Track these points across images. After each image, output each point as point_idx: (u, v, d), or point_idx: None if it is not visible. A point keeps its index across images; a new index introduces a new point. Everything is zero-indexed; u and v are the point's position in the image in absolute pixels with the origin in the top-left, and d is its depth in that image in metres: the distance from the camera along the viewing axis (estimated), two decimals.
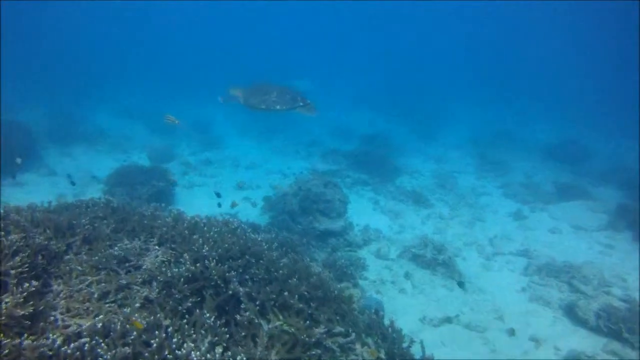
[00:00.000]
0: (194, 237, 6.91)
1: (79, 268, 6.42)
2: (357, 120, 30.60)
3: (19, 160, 12.97)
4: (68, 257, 6.68)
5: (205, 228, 7.35)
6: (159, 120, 23.17)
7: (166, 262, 6.44)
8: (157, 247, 7.16)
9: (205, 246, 6.64)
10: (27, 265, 5.82)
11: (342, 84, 39.03)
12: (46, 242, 6.50)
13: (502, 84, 43.30)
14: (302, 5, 55.23)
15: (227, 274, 6.18)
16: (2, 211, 6.94)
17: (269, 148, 23.57)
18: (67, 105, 27.16)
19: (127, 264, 6.67)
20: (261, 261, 6.90)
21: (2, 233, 6.03)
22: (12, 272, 5.54)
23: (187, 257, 6.46)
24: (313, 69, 44.04)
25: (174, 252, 6.89)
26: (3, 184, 15.40)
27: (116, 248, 6.79)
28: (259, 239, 7.57)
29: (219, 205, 12.27)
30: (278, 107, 8.49)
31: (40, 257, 6.25)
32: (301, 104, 8.55)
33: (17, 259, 5.75)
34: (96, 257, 6.53)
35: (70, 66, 38.26)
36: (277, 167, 20.32)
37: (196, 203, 15.56)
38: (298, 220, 12.93)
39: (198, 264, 6.21)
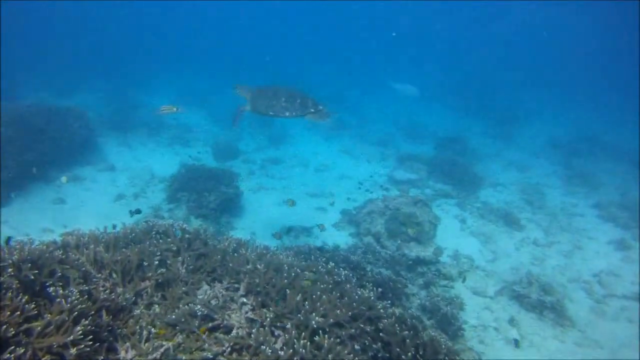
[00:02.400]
0: (297, 297, 5.38)
1: (152, 329, 4.99)
2: (429, 117, 28.70)
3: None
4: (138, 311, 5.25)
5: (306, 280, 5.82)
6: (221, 110, 22.19)
7: (260, 326, 5.09)
8: (244, 298, 5.70)
9: (314, 314, 5.13)
10: (90, 335, 4.45)
11: (414, 78, 37.14)
12: (112, 296, 5.10)
13: (588, 82, 40.52)
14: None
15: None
16: (59, 249, 5.56)
17: (338, 147, 21.98)
18: (124, 89, 26.28)
19: (210, 324, 5.22)
20: (381, 334, 5.38)
21: (62, 292, 4.64)
22: (73, 351, 4.14)
23: (290, 327, 4.96)
24: (384, 64, 42.09)
25: (267, 309, 5.41)
26: (58, 177, 14.37)
27: (198, 304, 5.35)
28: (372, 297, 6.00)
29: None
30: (287, 113, 7.71)
31: (104, 314, 4.85)
32: (312, 110, 7.67)
33: (79, 329, 4.36)
34: (173, 316, 5.08)
35: (128, 50, 37.52)
36: (350, 171, 18.75)
37: (264, 211, 14.20)
38: (385, 244, 11.38)
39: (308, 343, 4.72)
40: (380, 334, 5.53)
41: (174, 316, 5.15)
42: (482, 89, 33.17)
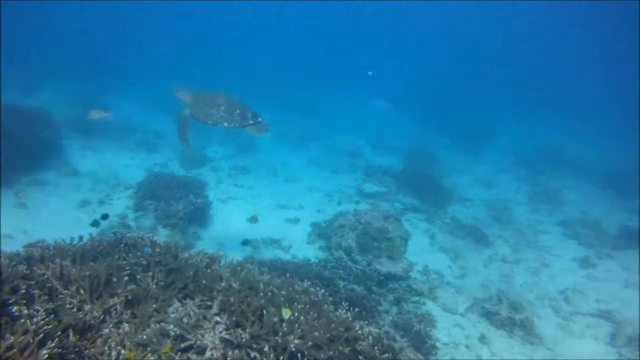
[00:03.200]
0: (274, 318, 5.20)
1: (122, 350, 4.77)
2: (397, 129, 28.66)
3: None
4: (107, 330, 5.01)
5: (282, 298, 5.62)
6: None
7: (235, 348, 4.87)
8: (217, 317, 5.51)
9: (292, 336, 4.97)
10: (56, 357, 4.21)
11: (383, 89, 37.18)
12: (80, 314, 4.85)
13: (554, 95, 41.18)
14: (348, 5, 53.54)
15: None
16: (22, 263, 5.26)
17: (306, 157, 21.78)
18: (93, 92, 25.65)
19: (182, 344, 5.03)
20: (360, 357, 5.26)
21: (26, 311, 4.38)
22: None
23: (268, 349, 4.81)
24: (351, 73, 42.06)
25: (242, 330, 5.24)
26: (24, 181, 13.90)
27: (170, 323, 5.14)
28: (349, 317, 5.84)
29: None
30: (225, 124, 7.55)
31: (71, 334, 4.61)
32: (251, 122, 7.48)
33: (45, 352, 4.12)
34: (144, 335, 4.86)
35: (96, 51, 36.73)
36: (319, 182, 18.55)
37: (233, 220, 13.93)
38: (356, 258, 11.24)
39: None
40: (360, 356, 5.39)
41: (144, 336, 4.94)
42: (451, 101, 33.40)
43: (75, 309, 5.02)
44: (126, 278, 5.51)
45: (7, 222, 11.85)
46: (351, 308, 6.20)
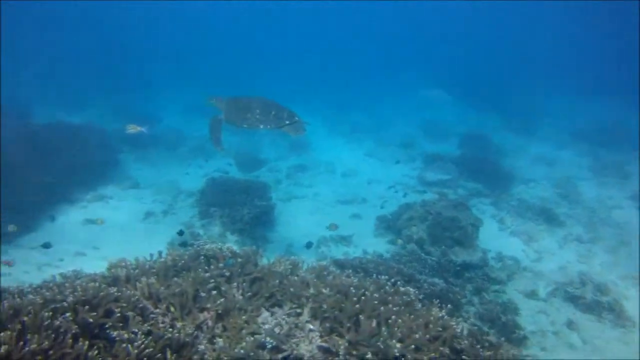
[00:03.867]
0: (373, 323, 4.96)
1: None
2: (444, 115, 27.97)
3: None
4: (202, 346, 4.85)
5: (375, 301, 5.36)
6: None
7: (335, 356, 4.76)
8: (310, 325, 5.28)
9: (393, 340, 4.72)
10: None
11: (425, 76, 36.56)
12: (174, 332, 4.71)
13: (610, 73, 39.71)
14: None
15: None
16: (111, 284, 5.19)
17: (361, 150, 21.52)
18: (133, 103, 25.97)
19: (279, 355, 4.83)
20: (463, 356, 5.01)
21: (126, 335, 4.26)
22: None
23: (371, 356, 4.58)
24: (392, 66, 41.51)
25: (339, 337, 4.99)
26: (87, 198, 14.03)
27: (264, 334, 4.94)
28: (444, 315, 5.55)
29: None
30: (262, 126, 7.47)
31: (168, 354, 4.46)
32: (287, 122, 7.31)
33: None
34: (241, 350, 4.68)
35: (134, 63, 37.13)
36: (378, 174, 18.29)
37: (299, 221, 13.80)
38: (428, 250, 10.93)
39: None
40: (463, 356, 5.11)
41: (242, 350, 4.75)
42: (495, 83, 32.68)
43: (168, 327, 4.89)
44: (214, 292, 5.35)
45: (77, 239, 12.01)
46: (446, 306, 5.92)
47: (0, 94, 20.96)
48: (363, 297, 5.38)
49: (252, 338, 4.94)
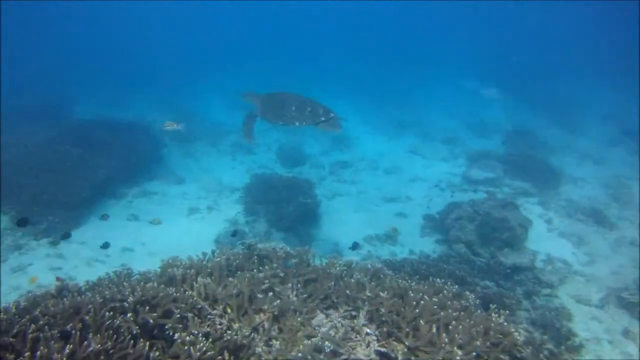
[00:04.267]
0: (433, 329, 4.83)
1: None
2: (487, 110, 27.29)
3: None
4: (258, 349, 4.77)
5: (435, 306, 5.23)
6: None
7: None
8: (366, 328, 5.17)
9: (454, 347, 4.58)
10: None
11: (462, 72, 35.98)
12: (233, 334, 4.66)
13: None
14: None
15: None
16: (168, 284, 5.18)
17: (403, 146, 21.20)
18: (177, 98, 26.14)
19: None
20: None
21: (188, 337, 4.22)
22: None
23: None
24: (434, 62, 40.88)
25: (397, 342, 4.86)
26: (132, 193, 14.17)
27: (321, 337, 4.86)
28: (504, 322, 5.39)
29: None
30: (297, 123, 7.38)
31: (226, 355, 4.41)
32: (323, 119, 7.18)
33: None
34: (298, 353, 4.60)
35: (169, 57, 37.48)
36: (422, 172, 18.02)
37: (344, 219, 13.66)
38: (477, 251, 10.73)
39: None
40: None
41: (299, 353, 4.67)
42: (537, 77, 31.89)
43: (225, 329, 4.84)
44: (270, 294, 5.28)
45: (124, 234, 12.11)
46: (505, 312, 5.75)
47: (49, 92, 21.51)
48: (422, 302, 5.25)
49: (308, 341, 4.87)
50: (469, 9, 53.54)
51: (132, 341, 4.11)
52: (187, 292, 5.00)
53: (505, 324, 5.38)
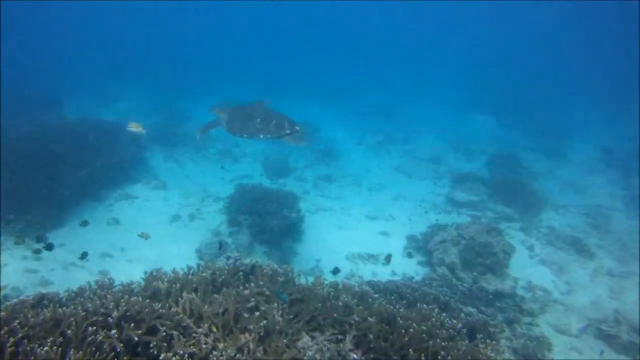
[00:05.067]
0: (420, 358, 4.77)
1: None
2: (473, 129, 27.40)
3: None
4: None
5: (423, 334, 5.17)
6: None
7: None
8: (353, 354, 5.10)
9: None
10: None
11: (447, 86, 36.16)
12: (216, 354, 4.56)
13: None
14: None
15: None
16: (152, 299, 5.04)
17: (389, 164, 21.11)
18: (166, 98, 25.89)
19: None
20: None
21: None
22: None
23: None
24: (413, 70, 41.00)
25: None
26: (113, 196, 13.96)
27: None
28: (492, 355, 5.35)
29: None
30: (262, 136, 7.21)
31: None
32: (288, 131, 7.09)
33: None
34: None
35: (166, 57, 37.27)
36: (406, 190, 17.90)
37: (326, 235, 13.57)
38: (459, 275, 10.69)
39: None
40: None
41: None
42: (524, 99, 32.02)
43: (210, 348, 4.72)
44: (257, 313, 5.16)
45: (103, 239, 11.91)
46: (484, 339, 5.71)
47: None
48: (411, 330, 5.18)
49: None
50: (461, 25, 54.07)
51: (115, 359, 3.98)
52: (172, 309, 4.86)
53: (492, 355, 5.35)
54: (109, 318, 4.36)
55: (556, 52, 50.67)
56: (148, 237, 9.50)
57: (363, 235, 13.45)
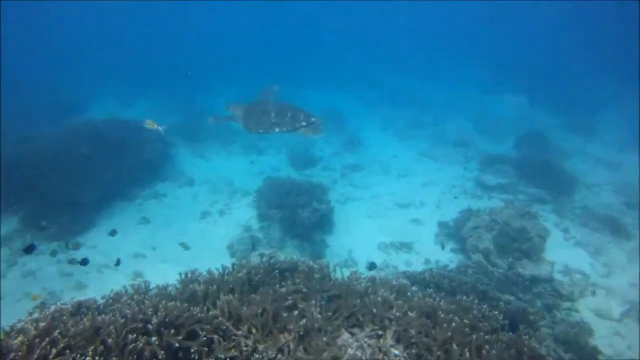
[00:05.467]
0: (466, 354, 4.65)
1: None
2: (500, 110, 26.61)
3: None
4: None
5: (466, 328, 5.05)
6: None
7: None
8: (394, 349, 4.99)
9: None
10: None
11: (470, 68, 35.55)
12: (256, 355, 4.49)
13: None
14: None
15: None
16: (191, 302, 4.98)
17: (416, 149, 20.77)
18: (187, 94, 25.92)
19: None
20: None
21: None
22: None
23: None
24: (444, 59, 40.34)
25: None
26: (142, 195, 14.00)
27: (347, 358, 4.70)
28: (537, 346, 5.21)
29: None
30: (277, 129, 7.37)
31: None
32: (304, 123, 7.15)
33: None
34: None
35: (187, 54, 37.22)
36: (435, 176, 17.62)
37: (357, 224, 13.44)
38: (494, 261, 10.50)
39: None
40: None
41: None
42: (550, 77, 31.34)
43: (251, 351, 4.66)
44: (296, 312, 5.09)
45: (134, 238, 11.96)
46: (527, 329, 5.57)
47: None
48: (453, 324, 5.06)
49: None
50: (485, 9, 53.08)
51: None
52: (210, 312, 4.81)
53: (537, 346, 5.22)
54: (149, 325, 4.32)
55: (581, 31, 49.59)
56: (188, 248, 9.52)
57: (394, 223, 13.29)
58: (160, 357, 4.05)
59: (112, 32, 44.16)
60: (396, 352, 4.97)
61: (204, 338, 4.40)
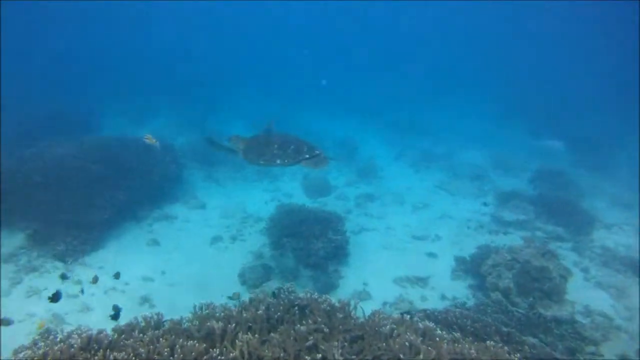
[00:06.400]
0: None
1: None
2: (510, 143, 26.59)
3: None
4: None
5: None
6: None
7: None
8: None
9: None
10: None
11: (481, 97, 35.51)
12: None
13: None
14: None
15: None
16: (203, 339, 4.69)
17: (431, 181, 20.47)
18: (199, 116, 25.87)
19: None
20: None
21: None
22: None
23: None
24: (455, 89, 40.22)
25: None
26: (152, 216, 13.76)
27: None
28: None
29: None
30: (278, 161, 7.25)
31: None
32: (307, 156, 7.05)
33: None
34: None
35: (194, 74, 37.23)
36: (451, 209, 17.19)
37: (371, 256, 13.05)
38: (514, 301, 10.15)
39: None
40: None
41: None
42: (561, 113, 31.12)
43: None
44: (319, 355, 4.78)
45: (143, 261, 11.69)
46: None
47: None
48: None
49: None
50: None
51: None
52: (230, 354, 4.50)
53: None
54: None
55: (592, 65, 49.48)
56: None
57: (410, 256, 12.95)
58: None
59: (129, 47, 44.53)
60: None
61: None
